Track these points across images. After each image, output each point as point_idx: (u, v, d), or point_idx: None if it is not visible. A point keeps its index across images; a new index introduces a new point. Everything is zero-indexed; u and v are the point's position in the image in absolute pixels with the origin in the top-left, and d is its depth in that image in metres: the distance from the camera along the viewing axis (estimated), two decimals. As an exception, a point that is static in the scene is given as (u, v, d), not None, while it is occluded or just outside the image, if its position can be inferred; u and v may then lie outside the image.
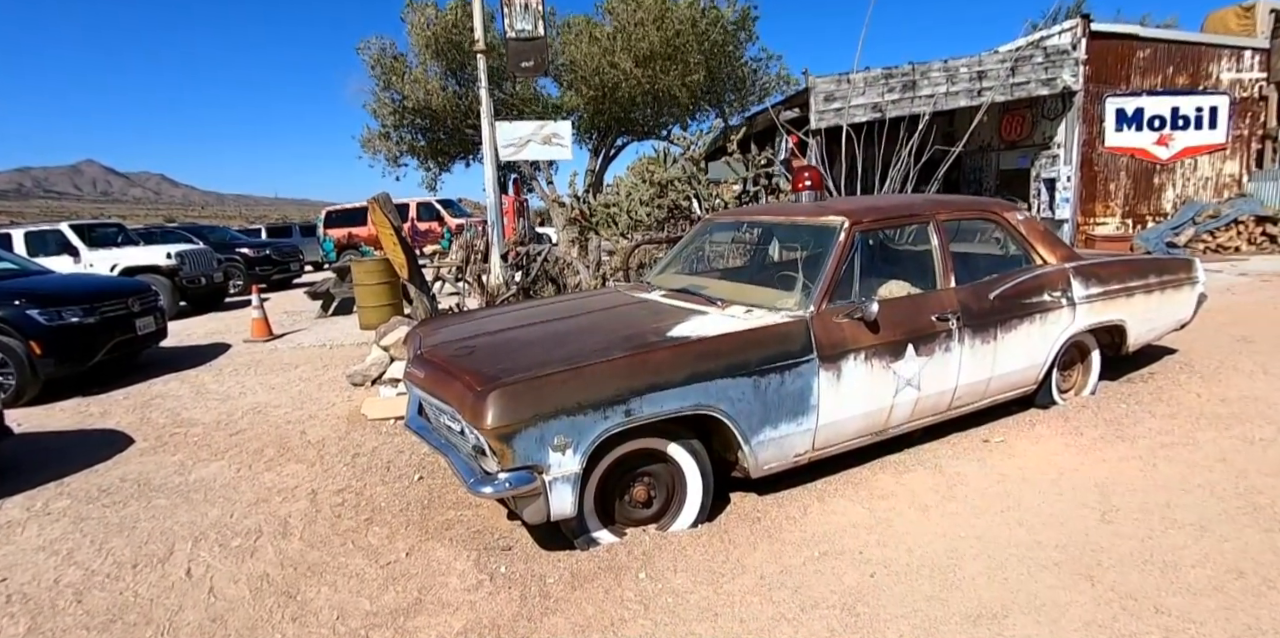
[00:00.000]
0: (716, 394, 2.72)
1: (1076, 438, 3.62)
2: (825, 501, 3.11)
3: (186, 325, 10.15)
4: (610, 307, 3.56)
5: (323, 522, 3.39)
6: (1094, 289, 3.79)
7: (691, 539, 2.81)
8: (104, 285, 6.81)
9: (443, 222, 17.15)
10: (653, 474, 2.85)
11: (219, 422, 5.22)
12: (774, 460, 2.99)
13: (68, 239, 10.56)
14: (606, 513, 2.83)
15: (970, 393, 3.49)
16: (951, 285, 3.39)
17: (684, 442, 2.80)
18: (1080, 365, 4.14)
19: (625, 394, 2.56)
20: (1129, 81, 10.43)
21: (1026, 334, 3.57)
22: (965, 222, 3.73)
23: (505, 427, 2.40)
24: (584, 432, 2.51)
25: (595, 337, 2.99)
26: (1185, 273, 4.31)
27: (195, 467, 4.27)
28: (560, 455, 2.49)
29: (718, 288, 3.55)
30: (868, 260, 3.48)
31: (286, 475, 4.03)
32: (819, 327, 2.97)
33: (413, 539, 3.12)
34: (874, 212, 3.34)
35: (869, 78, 9.87)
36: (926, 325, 3.23)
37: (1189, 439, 3.53)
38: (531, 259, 5.53)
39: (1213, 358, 4.89)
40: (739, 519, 2.99)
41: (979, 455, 3.48)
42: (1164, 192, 10.98)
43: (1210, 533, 2.67)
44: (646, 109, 12.10)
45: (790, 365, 2.87)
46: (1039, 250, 3.71)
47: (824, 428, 3.04)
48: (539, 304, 4.00)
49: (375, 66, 11.99)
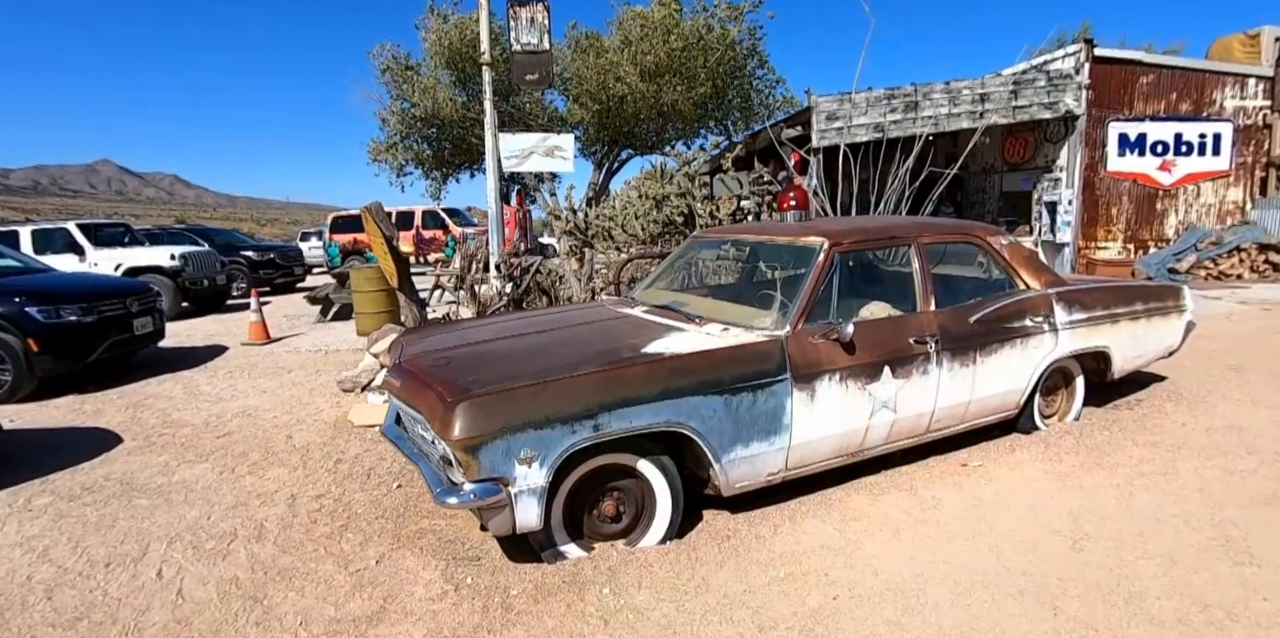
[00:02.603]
0: (687, 411, 2.73)
1: (1055, 464, 3.61)
2: (797, 521, 3.11)
3: (187, 326, 10.22)
4: (592, 321, 3.59)
5: (298, 527, 3.40)
6: (1077, 315, 3.79)
7: (659, 556, 2.82)
8: (103, 285, 6.89)
9: (448, 230, 17.29)
10: (622, 489, 2.85)
11: (208, 423, 5.26)
12: (746, 479, 2.99)
13: (74, 238, 10.69)
14: (575, 527, 2.84)
15: (948, 416, 3.49)
16: (931, 308, 3.40)
17: (654, 458, 2.81)
18: (1064, 391, 4.13)
19: (594, 409, 2.58)
20: (1132, 107, 10.46)
21: (1007, 359, 3.57)
22: (950, 245, 3.74)
23: (471, 438, 2.42)
24: (551, 445, 2.52)
25: (571, 350, 3.01)
26: (1173, 300, 4.30)
27: (179, 468, 4.30)
28: (526, 469, 2.51)
29: (699, 305, 3.57)
30: (848, 281, 3.49)
31: (268, 480, 4.05)
32: (794, 347, 2.98)
33: (385, 547, 3.13)
34: (855, 233, 3.36)
35: (871, 98, 9.93)
36: (904, 348, 3.24)
37: (1169, 469, 3.52)
38: (525, 271, 5.57)
39: (1202, 386, 4.87)
40: (709, 537, 2.99)
41: (956, 480, 3.47)
42: (1166, 217, 10.96)
43: (1179, 565, 2.65)
44: (650, 123, 12.20)
45: (764, 385, 2.88)
46: (1022, 275, 3.72)
47: (797, 448, 3.04)
48: (524, 316, 4.03)
49: (386, 73, 12.16)
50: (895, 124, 10.08)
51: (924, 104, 10.06)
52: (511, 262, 5.87)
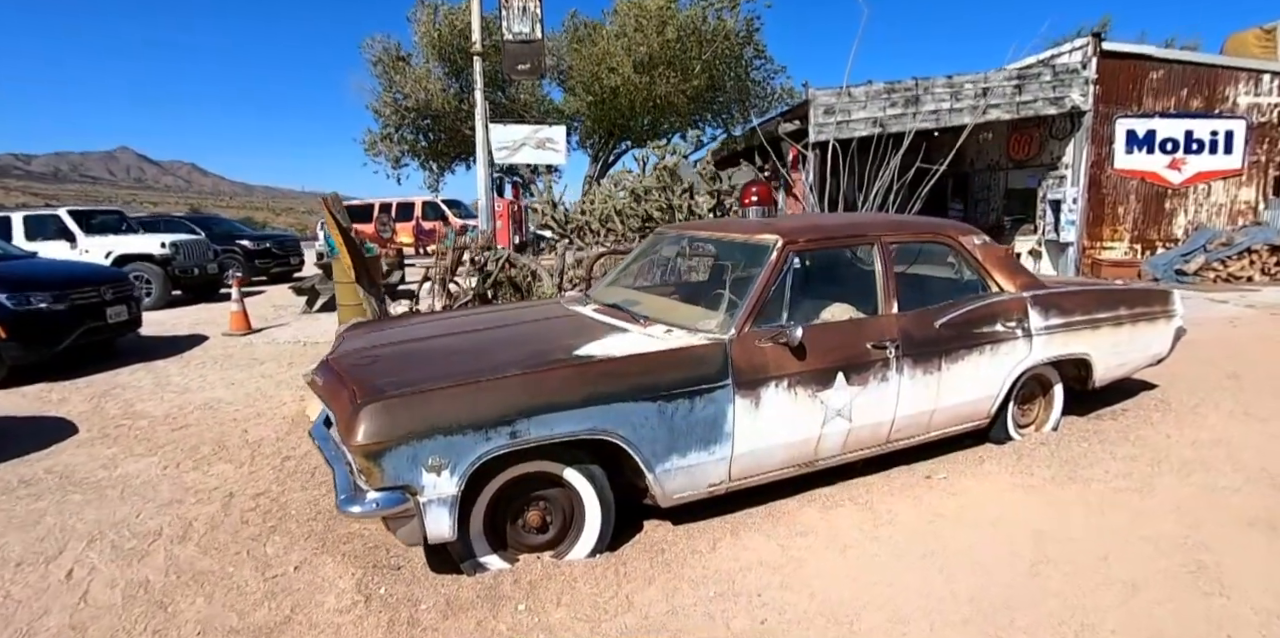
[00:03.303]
0: (616, 418, 2.56)
1: (1026, 478, 3.41)
2: (739, 534, 2.93)
3: (175, 315, 10.17)
4: (537, 319, 3.43)
5: (227, 527, 3.27)
6: (1054, 320, 3.58)
7: (585, 570, 2.65)
8: (77, 272, 6.80)
9: (447, 222, 17.17)
10: (549, 499, 2.69)
11: (168, 415, 5.15)
12: (684, 490, 2.82)
13: (65, 225, 10.64)
14: (498, 537, 2.68)
15: (911, 426, 3.30)
16: (894, 311, 3.20)
17: (582, 467, 2.64)
18: (1042, 399, 3.92)
19: (512, 415, 2.41)
20: (1141, 103, 10.11)
21: (976, 365, 3.37)
22: (923, 245, 3.54)
23: (374, 444, 2.26)
24: (462, 453, 2.36)
25: (504, 351, 2.85)
26: (1161, 305, 4.07)
27: (125, 461, 4.18)
28: (435, 477, 2.35)
29: (651, 305, 3.40)
30: (808, 282, 3.32)
31: (211, 476, 3.93)
32: (738, 351, 2.80)
33: (308, 551, 2.99)
34: (812, 230, 3.16)
35: (870, 92, 9.66)
36: (860, 353, 3.05)
37: (1146, 485, 3.31)
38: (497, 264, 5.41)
39: (1193, 395, 4.64)
40: (642, 550, 2.82)
41: (917, 493, 3.28)
42: (1175, 217, 10.63)
43: (1143, 594, 2.46)
44: (645, 116, 11.97)
45: (702, 391, 2.70)
46: (995, 277, 3.51)
47: (741, 458, 2.86)
48: (475, 313, 3.87)
49: (377, 65, 12.00)
50: (895, 119, 9.81)
51: (925, 98, 9.78)
52: (484, 255, 5.70)
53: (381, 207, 17.86)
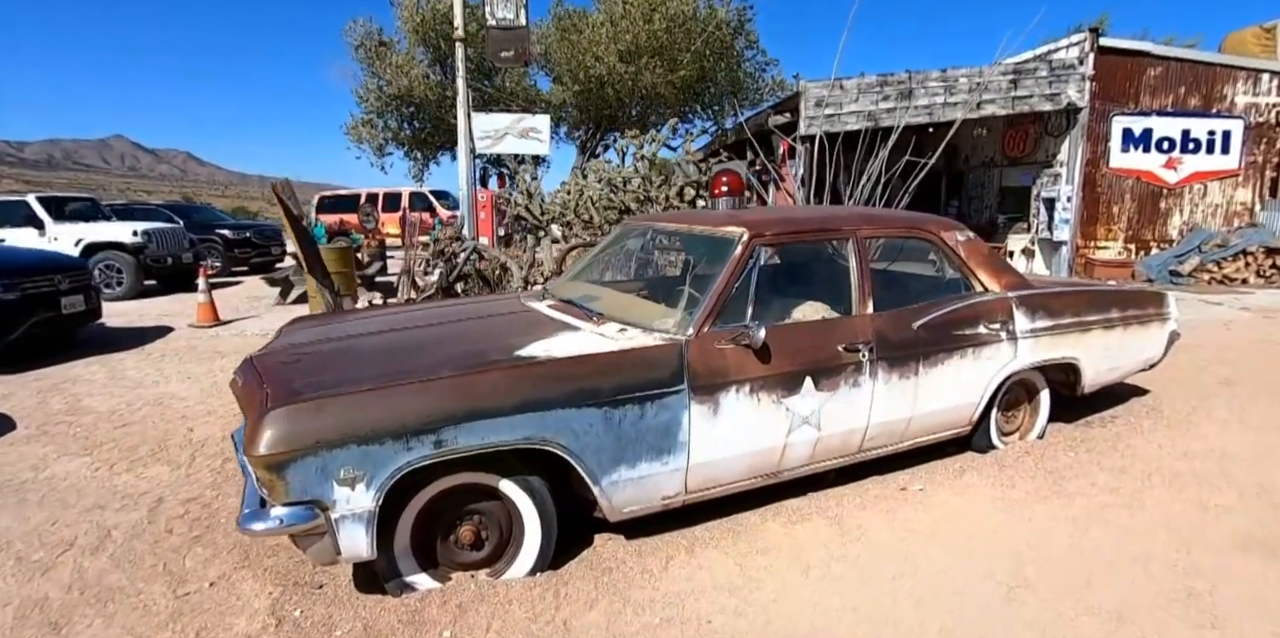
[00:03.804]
0: (555, 426, 2.33)
1: (1007, 491, 3.19)
2: (696, 552, 2.71)
3: (145, 305, 9.88)
4: (489, 315, 3.20)
5: (147, 537, 3.03)
6: (1041, 322, 3.36)
7: (522, 591, 2.42)
8: (30, 261, 6.51)
9: (434, 212, 16.87)
10: (484, 513, 2.46)
11: (114, 411, 4.90)
12: (635, 504, 2.59)
13: (34, 212, 10.32)
14: (429, 554, 2.45)
15: (885, 434, 3.08)
16: (869, 311, 2.98)
17: (520, 479, 2.41)
18: (1027, 406, 3.71)
19: (437, 422, 2.18)
20: (1138, 100, 9.89)
21: (956, 370, 3.15)
22: (900, 240, 3.31)
23: (276, 455, 2.02)
24: (380, 464, 2.13)
25: (442, 350, 2.62)
26: (1154, 308, 3.86)
27: (57, 462, 3.93)
28: (349, 490, 2.11)
29: (610, 301, 3.16)
30: (777, 279, 3.08)
31: (144, 478, 3.69)
32: (696, 352, 2.57)
33: (229, 565, 2.76)
34: (782, 223, 2.93)
35: (863, 84, 9.42)
36: (830, 356, 2.82)
37: (1134, 500, 3.09)
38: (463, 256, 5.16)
39: (1187, 402, 4.43)
40: (588, 569, 2.60)
41: (890, 506, 3.06)
42: (1170, 217, 10.43)
43: (1128, 625, 2.24)
44: (633, 107, 11.69)
45: (654, 396, 2.47)
46: (979, 276, 3.29)
47: (698, 468, 2.63)
48: (428, 308, 3.63)
49: (359, 49, 11.68)
50: (888, 113, 9.56)
51: (918, 92, 9.54)
52: (453, 246, 5.45)
53: (368, 197, 17.58)
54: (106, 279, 10.25)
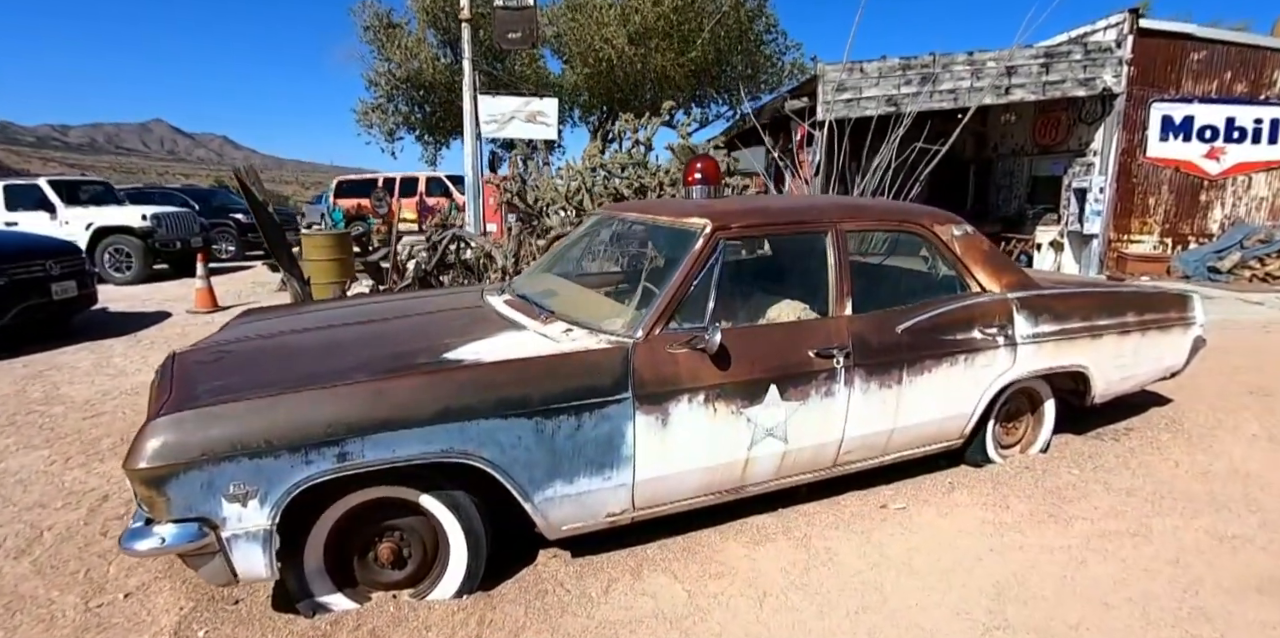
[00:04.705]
0: (478, 438, 2.11)
1: (999, 512, 2.90)
2: (642, 574, 2.48)
3: (151, 289, 9.91)
4: (440, 310, 2.98)
5: (80, 539, 2.90)
6: (1045, 327, 3.04)
7: (443, 616, 2.22)
8: (19, 245, 6.46)
9: (450, 197, 16.75)
10: (405, 529, 2.25)
11: (88, 401, 4.81)
12: (575, 521, 2.37)
13: (45, 195, 10.39)
14: (348, 572, 2.25)
15: (863, 447, 2.80)
16: (846, 313, 2.69)
17: (442, 494, 2.20)
18: (1030, 417, 3.40)
19: (340, 432, 1.97)
20: (1179, 86, 9.29)
21: (946, 378, 2.86)
22: (887, 234, 3.02)
23: (153, 469, 1.83)
24: (275, 479, 1.93)
25: (367, 351, 2.41)
26: (1176, 311, 3.51)
27: (13, 455, 3.84)
28: (240, 507, 1.92)
29: (567, 298, 2.92)
30: (752, 275, 2.81)
31: (95, 475, 3.56)
32: (643, 357, 2.32)
33: (151, 574, 2.60)
34: (751, 214, 2.65)
35: (884, 68, 8.98)
36: (799, 362, 2.55)
37: (1141, 527, 2.79)
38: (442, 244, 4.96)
39: (1212, 414, 4.06)
40: (521, 591, 2.38)
41: (866, 527, 2.79)
42: (1210, 210, 9.83)
43: (1117, 678, 1.97)
44: (644, 90, 11.35)
45: (592, 406, 2.23)
46: (976, 274, 2.98)
47: (646, 484, 2.40)
48: (382, 300, 3.43)
49: (368, 31, 11.50)
50: (910, 97, 9.11)
51: (943, 76, 9.07)
52: (440, 234, 5.25)
53: (384, 181, 17.52)
54: (116, 263, 10.31)
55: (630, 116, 5.43)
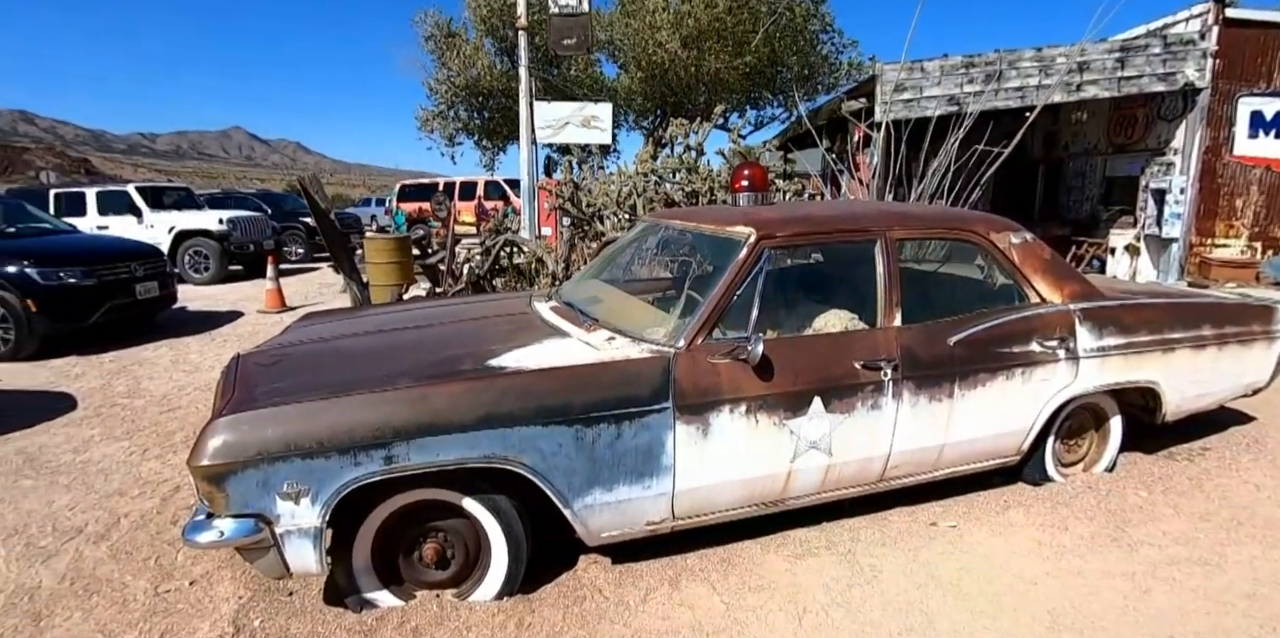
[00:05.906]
0: (519, 444, 2.14)
1: (1057, 534, 2.77)
2: (680, 584, 2.47)
3: (226, 290, 10.44)
4: (487, 317, 3.04)
5: (153, 527, 3.08)
6: (1110, 340, 2.89)
7: (485, 617, 2.27)
8: (109, 248, 6.92)
9: (508, 201, 17.08)
10: (449, 531, 2.31)
11: (166, 396, 5.11)
12: (614, 528, 2.38)
13: (133, 201, 11.07)
14: (394, 570, 2.33)
15: (912, 463, 2.73)
16: (895, 323, 2.63)
17: (484, 498, 2.24)
18: (1094, 434, 3.24)
19: (387, 436, 2.03)
20: (1270, 80, 8.68)
21: (1001, 392, 2.75)
22: (942, 242, 2.93)
23: (215, 466, 1.94)
24: (325, 479, 2.00)
25: (414, 356, 2.48)
26: (1261, 324, 3.28)
27: (97, 445, 4.11)
28: (293, 505, 2.00)
29: (612, 305, 2.94)
30: (799, 284, 2.77)
31: (169, 466, 3.78)
32: (684, 367, 2.32)
33: (214, 564, 2.74)
34: (798, 222, 2.61)
35: (946, 66, 8.71)
36: (844, 374, 2.50)
37: (1214, 556, 2.62)
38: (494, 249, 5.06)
39: (1301, 434, 3.79)
40: (560, 595, 2.41)
41: (914, 544, 2.71)
42: (1306, 213, 9.16)
43: (1180, 717, 1.85)
44: (698, 93, 11.31)
45: (633, 415, 2.24)
46: (1035, 284, 2.85)
47: (686, 494, 2.39)
48: (434, 305, 3.53)
49: (429, 40, 11.84)
50: (974, 96, 8.81)
51: (1009, 74, 8.73)
52: (493, 239, 5.36)
53: (445, 186, 18.00)
54: (195, 264, 10.91)
55: (683, 121, 5.42)
